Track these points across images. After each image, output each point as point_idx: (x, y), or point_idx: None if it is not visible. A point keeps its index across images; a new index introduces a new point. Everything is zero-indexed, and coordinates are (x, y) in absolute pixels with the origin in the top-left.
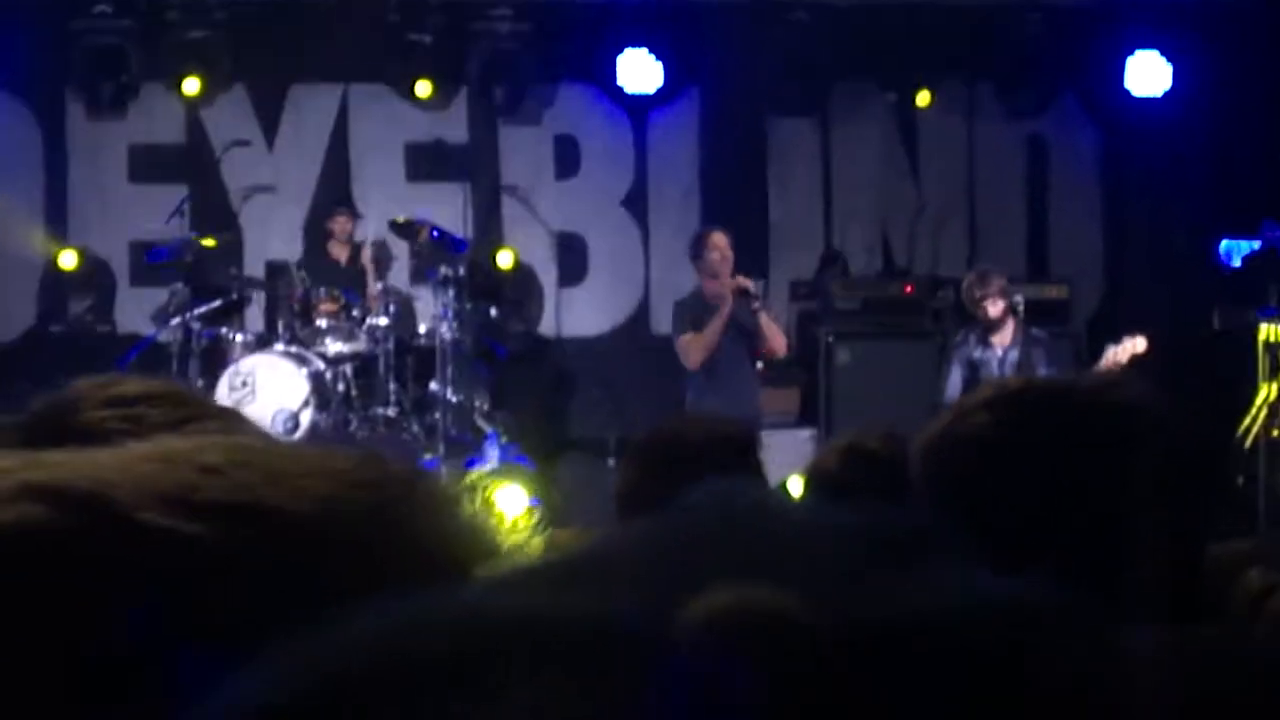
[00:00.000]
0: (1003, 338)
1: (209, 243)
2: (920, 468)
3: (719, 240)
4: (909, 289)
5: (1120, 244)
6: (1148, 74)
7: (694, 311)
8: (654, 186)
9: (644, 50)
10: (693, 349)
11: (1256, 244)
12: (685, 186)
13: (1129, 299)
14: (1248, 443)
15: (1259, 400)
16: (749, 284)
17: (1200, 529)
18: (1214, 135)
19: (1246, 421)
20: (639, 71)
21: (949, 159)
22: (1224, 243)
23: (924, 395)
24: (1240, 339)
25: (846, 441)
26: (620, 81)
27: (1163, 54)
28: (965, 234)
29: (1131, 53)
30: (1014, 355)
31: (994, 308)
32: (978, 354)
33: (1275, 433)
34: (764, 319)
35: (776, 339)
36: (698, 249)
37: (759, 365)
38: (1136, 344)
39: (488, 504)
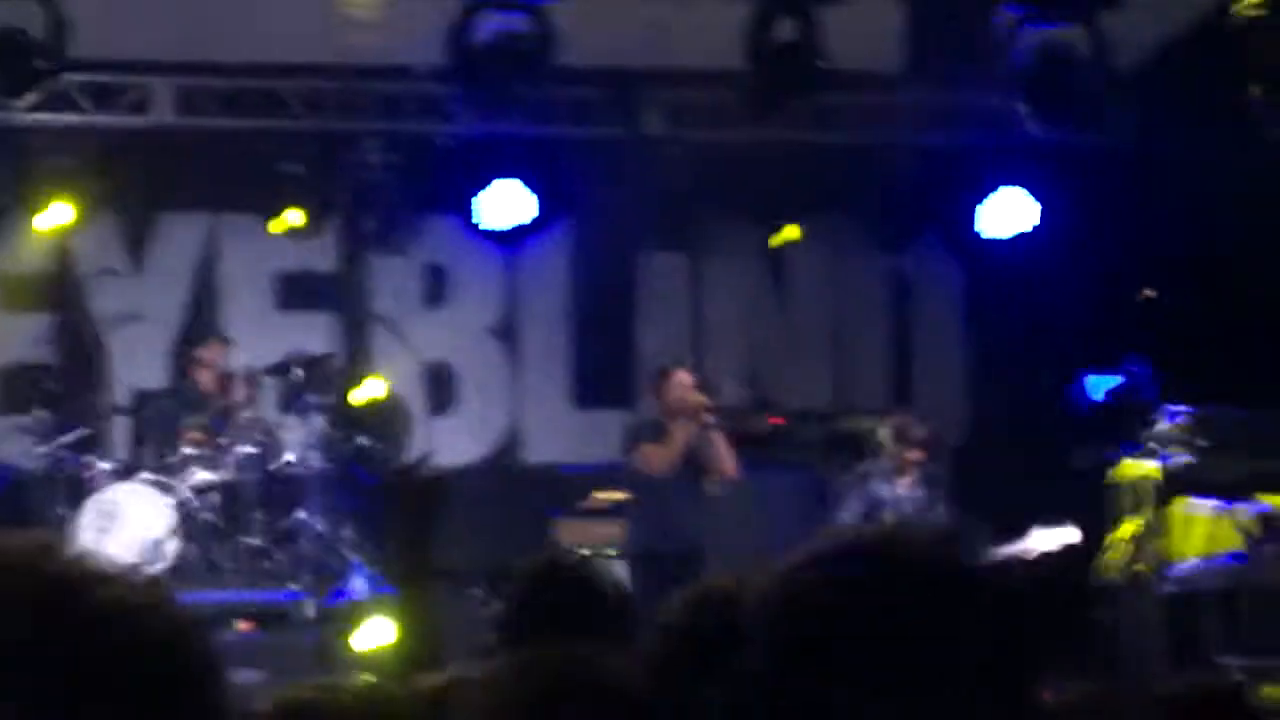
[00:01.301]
0: (906, 481)
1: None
2: (754, 622)
3: (682, 379)
4: (776, 421)
5: (984, 379)
6: (1011, 212)
7: (651, 431)
8: (524, 316)
9: (515, 181)
10: (659, 457)
11: (1119, 379)
12: (555, 316)
13: (992, 434)
14: (1110, 577)
15: (1120, 535)
16: (708, 404)
17: (1033, 679)
18: (1080, 273)
19: (1107, 557)
20: (509, 203)
21: (816, 293)
22: (1088, 378)
23: (792, 526)
24: (1099, 475)
25: (699, 590)
26: (485, 213)
27: (1029, 193)
28: (830, 367)
29: (995, 190)
30: (919, 494)
31: (914, 455)
32: (884, 492)
33: (1137, 568)
34: (718, 441)
35: (728, 462)
36: (659, 386)
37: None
38: (1069, 534)
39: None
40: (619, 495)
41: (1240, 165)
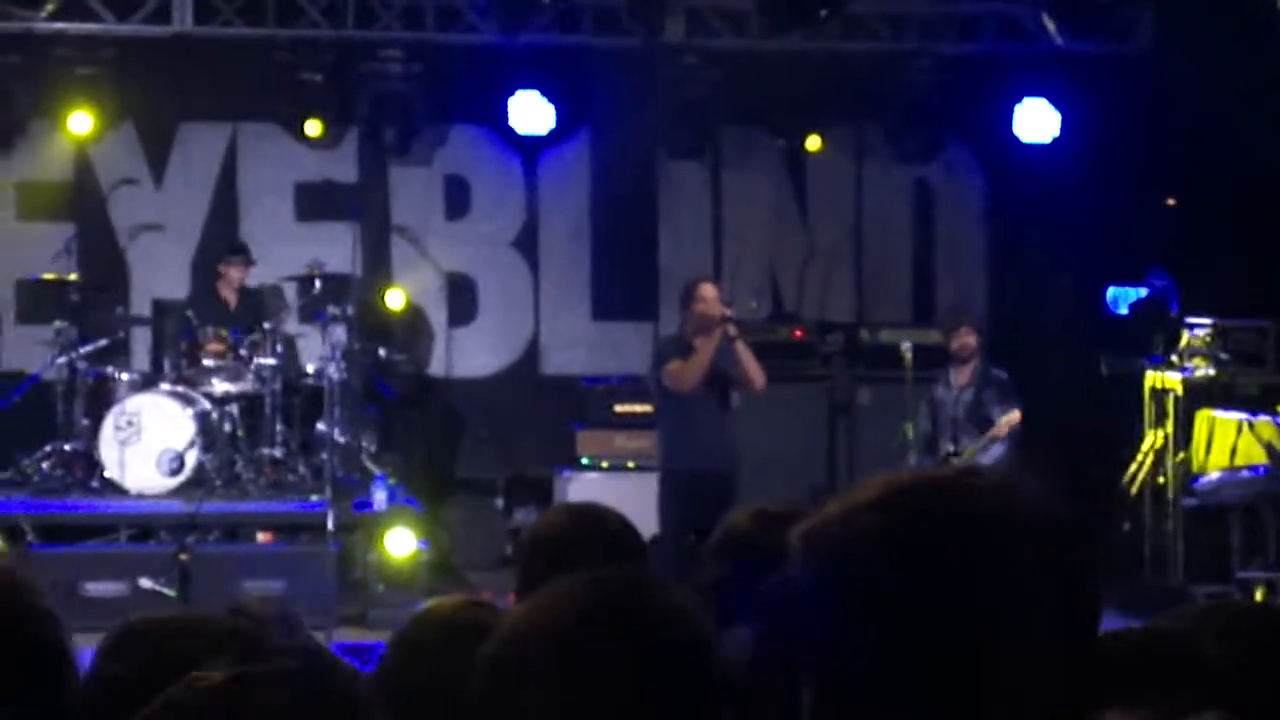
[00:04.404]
0: (961, 377)
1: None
2: (803, 563)
3: (707, 291)
4: (798, 333)
5: (1006, 290)
6: (1035, 121)
7: (679, 347)
8: (545, 227)
9: (535, 92)
10: (686, 373)
11: (1143, 291)
12: (576, 227)
13: (1015, 345)
14: (1134, 489)
15: (1145, 447)
16: (730, 313)
17: (1092, 637)
18: (1101, 183)
19: (1133, 468)
20: (530, 112)
21: (837, 203)
22: (1111, 290)
23: (814, 437)
24: (1127, 386)
25: (757, 506)
26: (511, 122)
27: (1050, 102)
28: (853, 278)
29: (1019, 100)
30: (968, 395)
31: (956, 342)
32: (940, 393)
33: (1161, 479)
34: (743, 353)
35: (755, 374)
36: (685, 299)
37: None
38: (1012, 417)
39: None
40: (641, 407)
41: (1262, 73)
